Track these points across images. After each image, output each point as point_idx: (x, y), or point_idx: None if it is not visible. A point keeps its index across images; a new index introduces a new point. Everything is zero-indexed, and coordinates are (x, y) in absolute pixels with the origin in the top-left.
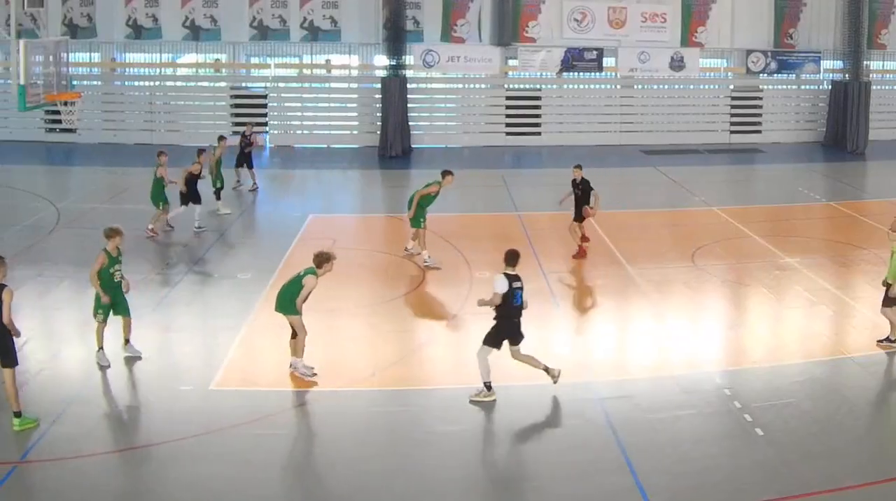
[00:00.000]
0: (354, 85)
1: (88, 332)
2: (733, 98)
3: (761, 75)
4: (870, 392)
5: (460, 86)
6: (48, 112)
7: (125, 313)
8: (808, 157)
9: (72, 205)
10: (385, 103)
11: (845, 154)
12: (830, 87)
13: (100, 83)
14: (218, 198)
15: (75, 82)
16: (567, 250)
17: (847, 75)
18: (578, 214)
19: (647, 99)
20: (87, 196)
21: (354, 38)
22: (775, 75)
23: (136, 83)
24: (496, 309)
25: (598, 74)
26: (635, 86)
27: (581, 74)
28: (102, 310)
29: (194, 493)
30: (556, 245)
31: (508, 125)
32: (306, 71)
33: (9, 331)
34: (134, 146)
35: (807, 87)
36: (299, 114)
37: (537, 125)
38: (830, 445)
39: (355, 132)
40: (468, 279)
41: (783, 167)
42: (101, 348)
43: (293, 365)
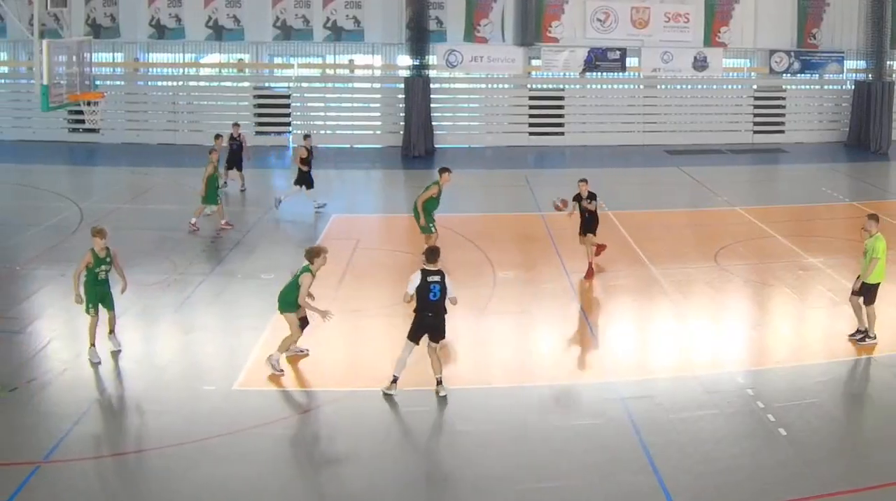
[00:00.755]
0: (377, 85)
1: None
2: (756, 98)
3: (784, 75)
4: (893, 392)
5: (483, 86)
6: (71, 112)
7: (110, 308)
8: (831, 157)
9: (95, 205)
10: (408, 103)
11: (868, 154)
12: (853, 87)
13: (123, 83)
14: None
15: (98, 82)
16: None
17: (870, 75)
18: (588, 228)
19: (671, 99)
20: (111, 196)
21: (378, 38)
22: (798, 75)
23: (160, 83)
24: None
25: (622, 74)
26: (658, 86)
27: (604, 74)
28: (92, 306)
29: (217, 493)
30: (579, 245)
31: (531, 125)
32: (329, 71)
33: None
34: (157, 146)
35: (830, 87)
36: (322, 114)
37: (560, 125)
38: (853, 445)
39: (378, 132)
40: (491, 279)
41: (806, 167)
42: (93, 345)
43: (270, 357)
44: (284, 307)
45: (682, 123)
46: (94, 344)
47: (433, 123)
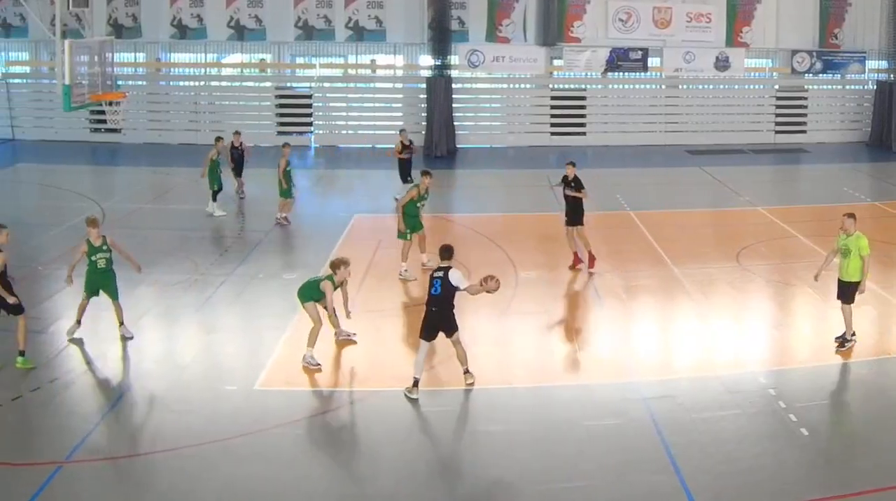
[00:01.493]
0: (399, 85)
1: (134, 332)
2: (778, 98)
3: (806, 75)
4: None
5: (505, 86)
6: (93, 112)
7: (114, 297)
8: (853, 157)
9: (117, 205)
10: (430, 103)
11: (890, 154)
12: (875, 87)
13: (145, 83)
14: (214, 200)
15: (120, 82)
16: (611, 248)
17: (892, 75)
18: (573, 218)
19: (692, 99)
20: (132, 196)
21: (399, 38)
22: (820, 75)
23: (181, 83)
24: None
25: (644, 74)
26: (680, 86)
27: (626, 74)
28: (87, 292)
29: (239, 493)
30: (601, 244)
31: (553, 125)
32: (351, 71)
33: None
34: (178, 146)
35: (852, 87)
36: (344, 114)
37: (582, 125)
38: (875, 445)
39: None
40: (513, 279)
41: (828, 167)
42: (79, 322)
43: (304, 357)
44: (303, 298)
45: (704, 123)
46: (80, 322)
47: (455, 123)
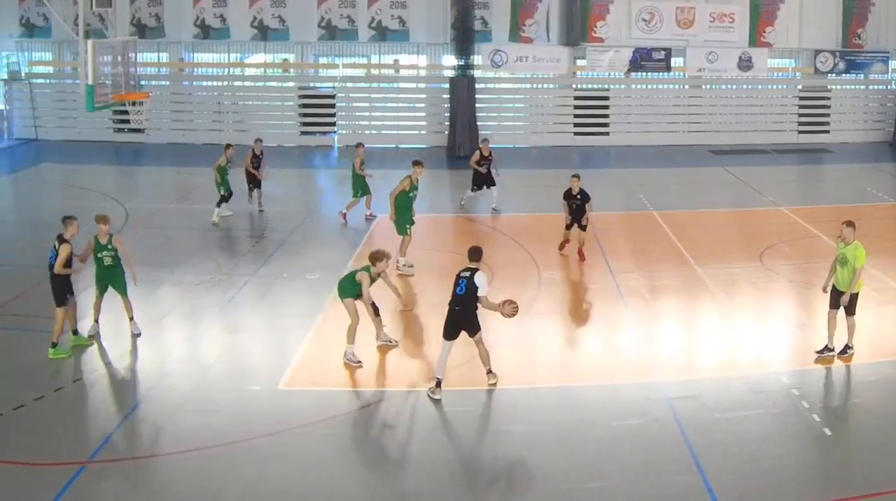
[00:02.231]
0: (423, 85)
1: (157, 332)
2: (801, 98)
3: (829, 75)
4: None
5: (528, 86)
6: (116, 112)
7: (122, 293)
8: (876, 157)
9: (140, 205)
10: (453, 103)
11: None
12: None
13: (168, 83)
14: (218, 206)
15: (143, 82)
16: (634, 248)
17: None
18: (578, 220)
19: (715, 99)
20: (156, 196)
21: (423, 38)
22: (843, 75)
23: (205, 83)
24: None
25: (667, 74)
26: (703, 86)
27: (649, 74)
28: (97, 287)
29: (263, 493)
30: (624, 244)
31: (576, 125)
32: (374, 71)
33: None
34: (202, 146)
35: (875, 87)
36: (367, 114)
37: (605, 125)
38: None
39: (423, 132)
40: (536, 279)
41: (851, 167)
42: (97, 321)
43: (344, 354)
44: (342, 293)
45: (727, 123)
46: (97, 321)
47: (478, 123)
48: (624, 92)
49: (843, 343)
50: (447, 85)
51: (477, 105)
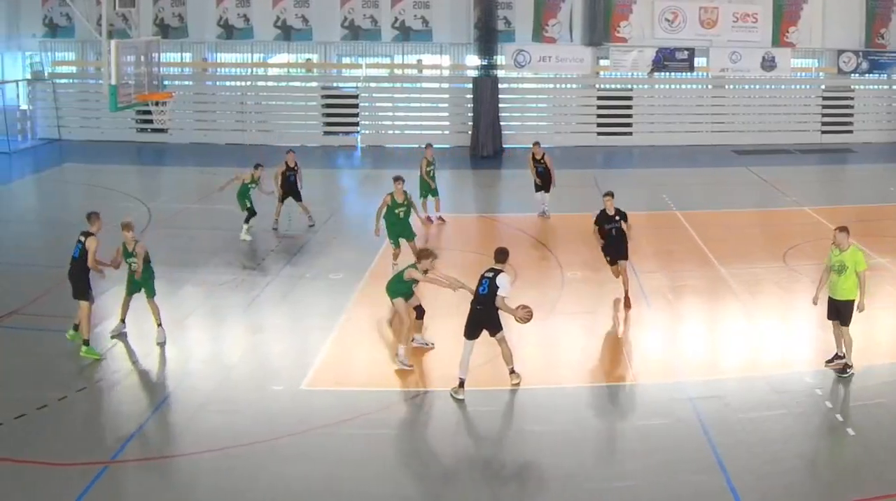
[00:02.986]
0: (446, 85)
1: (180, 332)
2: (824, 98)
3: (853, 75)
4: None
5: (552, 86)
6: (139, 112)
7: (150, 295)
8: None
9: (163, 205)
10: (476, 103)
11: None
12: None
13: (191, 83)
14: (246, 222)
15: (167, 82)
16: (657, 248)
17: None
18: (621, 251)
19: (739, 99)
20: (179, 196)
21: (446, 38)
22: (866, 75)
23: (228, 83)
24: None
25: (690, 74)
26: (726, 86)
27: (672, 74)
28: (127, 290)
29: (285, 494)
30: (647, 244)
31: (600, 125)
32: (398, 71)
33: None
34: (225, 146)
35: None
36: (391, 114)
37: (628, 125)
38: None
39: (447, 132)
40: (560, 279)
41: (874, 167)
42: (123, 321)
43: (397, 355)
44: (392, 294)
45: (751, 123)
46: (124, 321)
47: (501, 123)
48: (647, 92)
49: (843, 362)
50: (470, 85)
51: (500, 105)
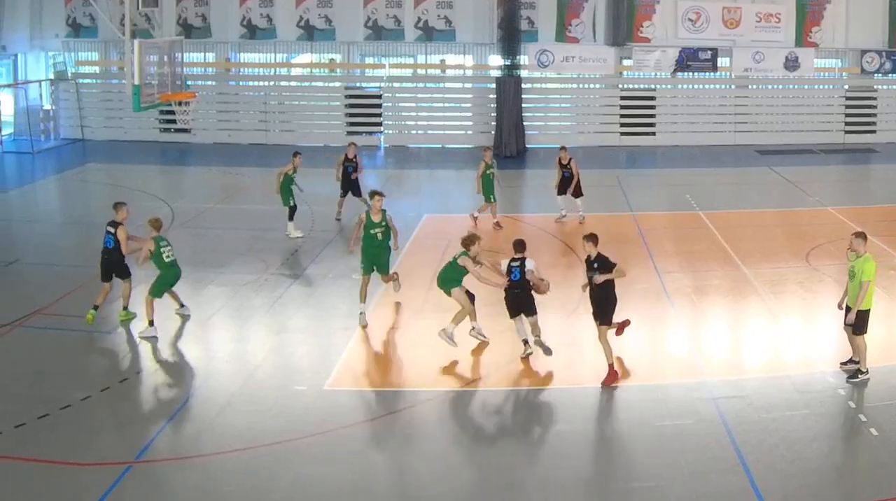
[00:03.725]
0: (469, 85)
1: (203, 332)
2: (848, 98)
3: (876, 75)
4: None
5: (575, 86)
6: (163, 112)
7: (151, 292)
8: None
9: (186, 205)
10: (499, 103)
11: None
12: None
13: (214, 83)
14: (290, 219)
15: (190, 82)
16: (681, 248)
17: None
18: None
19: (762, 99)
20: (202, 196)
21: (469, 38)
22: (890, 75)
23: (251, 83)
24: None
25: (713, 74)
26: (750, 86)
27: (695, 74)
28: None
29: (308, 494)
30: (671, 245)
31: (623, 125)
32: (421, 71)
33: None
34: (248, 146)
35: None
36: (414, 114)
37: (652, 125)
38: None
39: (470, 132)
40: (582, 279)
41: None
42: (151, 322)
43: (444, 330)
44: (447, 285)
45: (774, 123)
46: (152, 323)
47: (524, 123)
48: (670, 92)
49: (856, 367)
50: (493, 85)
51: (523, 105)
